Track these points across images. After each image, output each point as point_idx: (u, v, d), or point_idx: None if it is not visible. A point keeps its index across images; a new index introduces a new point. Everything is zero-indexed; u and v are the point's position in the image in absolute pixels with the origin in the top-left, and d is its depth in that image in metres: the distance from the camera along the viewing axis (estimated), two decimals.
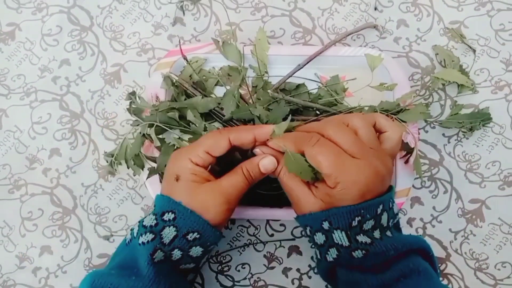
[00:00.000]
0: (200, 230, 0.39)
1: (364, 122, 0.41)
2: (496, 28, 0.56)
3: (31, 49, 0.58)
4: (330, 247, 0.39)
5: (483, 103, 0.53)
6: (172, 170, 0.41)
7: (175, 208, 0.39)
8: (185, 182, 0.40)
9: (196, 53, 0.54)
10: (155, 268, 0.38)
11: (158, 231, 0.39)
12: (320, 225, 0.39)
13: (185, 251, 0.39)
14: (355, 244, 0.38)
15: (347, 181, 0.38)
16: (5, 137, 0.55)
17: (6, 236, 0.53)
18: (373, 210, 0.38)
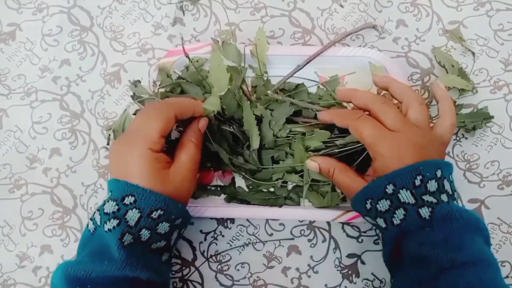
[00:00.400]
0: (163, 206, 0.40)
1: (417, 103, 0.44)
2: (495, 28, 0.56)
3: (32, 49, 0.58)
4: (396, 209, 0.40)
5: (482, 102, 0.54)
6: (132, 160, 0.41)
7: (134, 191, 0.40)
8: (152, 171, 0.41)
9: (196, 53, 0.54)
10: (126, 251, 0.38)
11: (122, 216, 0.39)
12: (384, 190, 0.40)
13: (153, 229, 0.40)
14: (421, 202, 0.39)
15: (384, 148, 0.41)
16: (5, 136, 0.56)
17: (6, 235, 0.53)
18: (432, 171, 0.40)
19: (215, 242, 0.51)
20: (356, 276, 0.49)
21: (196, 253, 0.51)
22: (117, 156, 0.42)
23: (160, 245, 0.42)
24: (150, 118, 0.42)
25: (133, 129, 0.43)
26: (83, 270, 0.37)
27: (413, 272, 0.39)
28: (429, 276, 0.37)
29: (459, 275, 0.36)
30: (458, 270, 0.36)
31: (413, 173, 0.39)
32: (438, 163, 0.41)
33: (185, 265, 0.50)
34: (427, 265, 0.38)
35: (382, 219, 0.41)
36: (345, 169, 0.46)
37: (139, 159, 0.40)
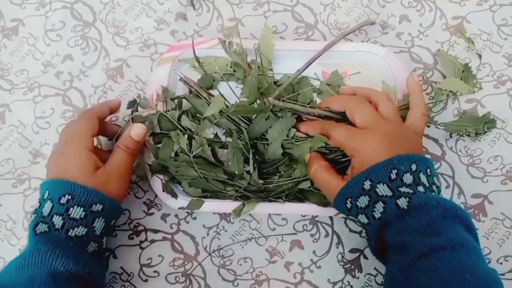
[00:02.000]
0: (70, 191, 0.41)
1: (385, 98, 0.46)
2: (499, 23, 0.56)
3: (35, 44, 0.58)
4: (375, 203, 0.41)
5: (485, 98, 0.53)
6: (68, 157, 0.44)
7: (48, 186, 0.42)
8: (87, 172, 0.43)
9: (198, 48, 0.54)
10: (37, 238, 0.39)
11: (39, 210, 0.42)
12: (362, 187, 0.41)
13: (64, 214, 0.41)
14: (398, 193, 0.40)
15: (358, 143, 0.43)
16: (8, 131, 0.56)
17: (9, 230, 0.53)
18: (407, 164, 0.41)
19: (217, 237, 0.51)
20: (359, 271, 0.49)
21: (199, 248, 0.51)
22: (55, 161, 0.45)
23: (79, 231, 0.41)
24: (78, 123, 0.46)
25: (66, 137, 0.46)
26: (5, 272, 0.39)
27: (394, 259, 0.40)
28: (409, 262, 0.38)
29: (438, 259, 0.36)
30: (436, 254, 0.37)
31: (388, 167, 0.41)
32: (413, 157, 0.42)
33: (188, 260, 0.50)
34: (407, 251, 0.38)
35: (363, 215, 0.42)
36: (327, 167, 0.46)
37: (75, 155, 0.44)
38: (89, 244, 0.42)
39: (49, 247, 0.39)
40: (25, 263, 0.38)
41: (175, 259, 0.50)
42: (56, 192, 0.41)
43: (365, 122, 0.44)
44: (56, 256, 0.38)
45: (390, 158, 0.41)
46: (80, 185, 0.42)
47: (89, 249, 0.42)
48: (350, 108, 0.46)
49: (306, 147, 0.48)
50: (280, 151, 0.48)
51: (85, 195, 0.42)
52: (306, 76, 0.53)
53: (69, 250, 0.40)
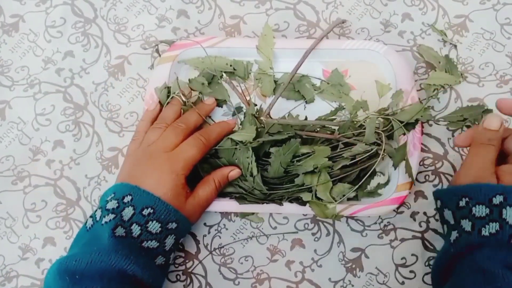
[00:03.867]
0: (153, 205, 0.42)
1: None
2: (502, 22, 0.56)
3: (35, 40, 0.58)
4: (492, 221, 0.38)
5: (488, 97, 0.53)
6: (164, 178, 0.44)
7: (131, 191, 0.43)
8: (177, 195, 0.44)
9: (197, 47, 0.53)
10: (115, 240, 0.40)
11: (119, 212, 0.42)
12: (489, 198, 0.38)
13: (143, 226, 0.42)
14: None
15: None
16: (8, 128, 0.56)
17: (9, 227, 0.53)
18: None
19: (218, 235, 0.51)
20: (360, 270, 0.49)
21: (200, 246, 0.51)
22: (146, 168, 0.45)
23: (152, 244, 0.42)
24: (191, 145, 0.46)
25: (169, 148, 0.46)
26: (74, 260, 0.39)
27: (470, 282, 0.37)
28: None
29: None
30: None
31: None
32: None
33: (189, 258, 0.50)
34: (489, 281, 0.36)
35: (470, 222, 0.39)
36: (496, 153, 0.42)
37: (172, 181, 0.44)
38: (158, 257, 0.43)
39: (125, 252, 0.40)
40: (99, 259, 0.39)
41: (176, 257, 0.50)
42: (140, 202, 0.42)
43: None
44: (129, 262, 0.40)
45: None
46: (164, 202, 0.43)
47: (157, 261, 0.43)
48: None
49: (309, 165, 0.47)
50: (281, 170, 0.48)
51: (166, 212, 0.43)
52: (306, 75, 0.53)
53: (140, 259, 0.41)
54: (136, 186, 0.43)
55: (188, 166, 0.46)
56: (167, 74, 0.53)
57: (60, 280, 0.38)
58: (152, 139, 0.47)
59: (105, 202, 0.43)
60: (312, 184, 0.48)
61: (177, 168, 0.45)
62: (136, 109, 0.55)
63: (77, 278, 0.38)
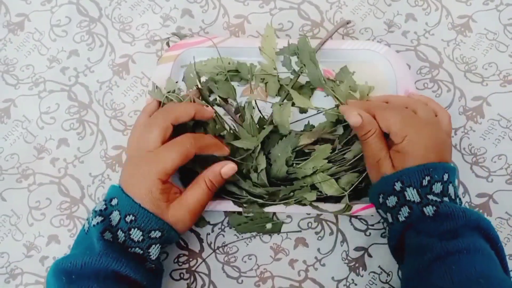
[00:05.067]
0: (134, 212, 0.41)
1: (421, 104, 0.46)
2: (505, 23, 0.56)
3: (40, 39, 0.58)
4: (401, 206, 0.41)
5: (491, 96, 0.53)
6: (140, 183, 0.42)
7: (117, 194, 0.43)
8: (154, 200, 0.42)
9: (201, 46, 0.54)
10: (104, 243, 0.40)
11: (107, 215, 0.42)
12: (393, 187, 0.42)
13: (126, 232, 0.41)
14: (426, 200, 0.40)
15: (413, 134, 0.42)
16: (13, 126, 0.56)
17: (14, 225, 0.53)
18: (440, 174, 0.41)
19: (222, 234, 0.51)
20: (363, 269, 0.49)
21: (203, 244, 0.51)
22: (132, 170, 0.44)
23: (137, 251, 0.42)
24: (171, 150, 0.43)
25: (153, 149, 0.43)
26: (69, 262, 0.39)
27: (412, 261, 0.40)
28: (425, 263, 0.38)
29: (453, 262, 0.37)
30: (452, 257, 0.37)
31: (422, 173, 0.41)
32: (447, 167, 0.42)
33: (192, 257, 0.50)
34: (423, 253, 0.38)
35: (390, 214, 0.43)
36: (382, 136, 0.45)
37: (148, 186, 0.42)
38: (146, 263, 0.43)
39: (115, 255, 0.40)
40: (92, 261, 0.39)
41: (179, 256, 0.50)
42: (124, 208, 0.42)
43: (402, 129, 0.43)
44: (121, 264, 0.39)
45: (426, 164, 0.41)
46: (144, 209, 0.41)
47: (146, 266, 0.43)
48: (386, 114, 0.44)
49: (308, 167, 0.47)
50: (285, 169, 0.48)
51: (147, 220, 0.41)
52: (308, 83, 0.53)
53: (131, 262, 0.40)
54: (121, 189, 0.42)
55: (164, 171, 0.42)
56: (169, 74, 0.53)
57: (57, 280, 0.39)
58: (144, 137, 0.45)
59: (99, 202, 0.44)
60: (314, 181, 0.48)
61: (153, 172, 0.42)
62: (140, 107, 0.55)
63: (73, 278, 0.39)
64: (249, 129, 0.49)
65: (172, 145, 0.43)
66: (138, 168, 0.43)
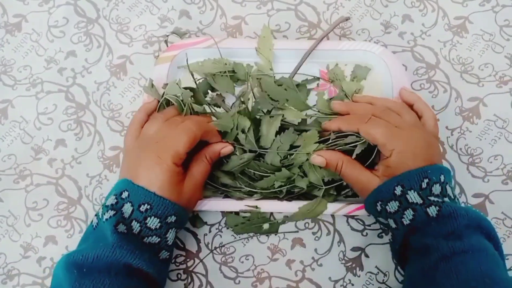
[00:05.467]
0: (149, 201, 0.42)
1: (404, 107, 0.47)
2: (501, 24, 0.56)
3: (38, 40, 0.58)
4: (405, 210, 0.42)
5: (487, 97, 0.54)
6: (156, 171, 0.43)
7: (127, 186, 0.43)
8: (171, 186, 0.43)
9: (197, 47, 0.54)
10: (118, 236, 0.40)
11: (119, 208, 0.42)
12: (393, 192, 0.42)
13: (142, 222, 0.42)
14: (428, 201, 0.41)
15: (400, 145, 0.43)
16: (11, 127, 0.56)
17: (11, 225, 0.53)
18: (437, 175, 0.42)
19: (219, 234, 0.51)
20: (360, 269, 0.49)
21: (201, 245, 0.51)
22: (139, 162, 0.44)
23: (153, 240, 0.43)
24: (180, 134, 0.44)
25: (160, 139, 0.45)
26: (81, 255, 0.39)
27: (417, 261, 0.41)
28: (431, 264, 0.39)
29: (459, 262, 0.37)
30: (457, 257, 0.38)
31: (421, 175, 0.41)
32: (442, 169, 0.43)
33: (190, 257, 0.50)
34: (429, 254, 0.39)
35: (392, 219, 0.43)
36: (353, 162, 0.46)
37: (164, 172, 0.43)
38: (161, 252, 0.44)
39: (130, 247, 0.40)
40: (105, 254, 0.39)
41: (176, 256, 0.50)
42: (136, 199, 0.42)
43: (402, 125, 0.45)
44: (134, 256, 0.40)
45: (423, 167, 0.42)
46: (159, 197, 0.42)
47: (161, 256, 0.44)
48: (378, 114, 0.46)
49: (302, 154, 0.48)
50: (278, 158, 0.48)
51: (163, 207, 0.42)
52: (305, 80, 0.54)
53: (145, 253, 0.41)
54: (131, 182, 0.43)
55: (178, 155, 0.44)
56: (166, 74, 0.53)
57: (68, 273, 0.39)
58: (149, 132, 0.47)
59: (106, 199, 0.44)
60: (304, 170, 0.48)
61: (166, 158, 0.43)
62: (137, 108, 0.55)
63: (85, 271, 0.38)
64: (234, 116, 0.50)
65: (181, 129, 0.45)
66: (147, 157, 0.44)
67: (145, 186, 0.42)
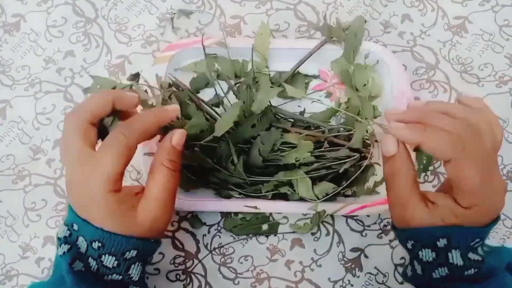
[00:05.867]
0: (99, 238, 0.35)
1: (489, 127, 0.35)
2: (501, 24, 0.56)
3: (36, 40, 0.58)
4: (440, 266, 0.35)
5: (487, 96, 0.54)
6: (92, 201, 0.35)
7: (75, 219, 0.37)
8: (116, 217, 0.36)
9: (195, 47, 0.54)
10: (75, 277, 0.35)
11: (73, 242, 0.36)
12: (434, 242, 0.35)
13: (97, 260, 0.36)
14: (469, 263, 0.35)
15: (487, 203, 0.34)
16: (9, 127, 0.56)
17: (9, 226, 0.53)
18: (488, 233, 0.36)
19: (218, 235, 0.51)
20: (359, 270, 0.49)
21: (200, 245, 0.51)
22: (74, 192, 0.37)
23: (115, 277, 0.37)
24: (104, 155, 0.35)
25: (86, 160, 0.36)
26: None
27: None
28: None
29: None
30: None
31: (477, 236, 0.35)
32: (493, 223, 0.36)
33: (189, 258, 0.50)
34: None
35: (419, 265, 0.37)
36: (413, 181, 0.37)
37: (99, 202, 0.35)
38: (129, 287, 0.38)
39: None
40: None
41: (175, 257, 0.50)
42: (87, 234, 0.36)
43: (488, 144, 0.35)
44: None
45: (479, 227, 0.35)
46: (108, 233, 0.35)
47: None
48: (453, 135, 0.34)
49: (291, 157, 0.47)
50: (260, 159, 0.47)
51: (116, 244, 0.36)
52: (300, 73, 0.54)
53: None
54: (77, 216, 0.36)
55: (110, 180, 0.35)
56: (163, 75, 0.53)
57: None
58: None
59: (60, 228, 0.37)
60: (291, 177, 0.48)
61: (100, 187, 0.35)
62: None
63: None
64: None
65: (104, 147, 0.36)
66: (81, 187, 0.36)
67: (89, 220, 0.35)
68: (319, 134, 0.49)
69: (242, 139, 0.49)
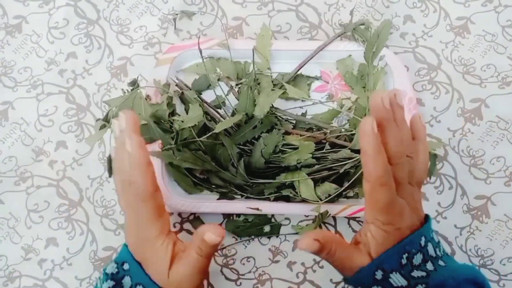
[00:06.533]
0: (144, 284, 0.39)
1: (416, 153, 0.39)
2: (503, 24, 0.56)
3: (38, 42, 0.58)
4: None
5: (490, 98, 0.53)
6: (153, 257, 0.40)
7: (128, 259, 0.40)
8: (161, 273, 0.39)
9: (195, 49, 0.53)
10: None
11: (119, 279, 0.39)
12: (373, 278, 0.37)
13: None
14: (413, 280, 0.36)
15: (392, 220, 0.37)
16: (11, 129, 0.56)
17: (12, 228, 0.53)
18: (417, 243, 0.38)
19: None
20: None
21: None
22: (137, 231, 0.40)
23: None
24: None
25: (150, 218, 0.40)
26: None
27: None
28: None
29: None
30: None
31: (399, 252, 0.37)
32: (422, 232, 0.38)
33: None
34: None
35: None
36: (343, 244, 0.39)
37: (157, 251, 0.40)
38: None
39: None
40: None
41: None
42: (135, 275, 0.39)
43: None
44: None
45: (401, 242, 0.37)
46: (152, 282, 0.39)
47: None
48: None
49: (293, 159, 0.48)
50: (262, 160, 0.48)
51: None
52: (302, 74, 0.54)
53: None
54: (131, 255, 0.40)
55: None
56: (165, 77, 0.53)
57: None
58: None
59: (107, 265, 0.41)
60: (293, 179, 0.48)
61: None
62: None
63: None
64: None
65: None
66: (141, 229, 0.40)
67: (143, 265, 0.40)
68: (320, 135, 0.49)
69: (244, 140, 0.49)
